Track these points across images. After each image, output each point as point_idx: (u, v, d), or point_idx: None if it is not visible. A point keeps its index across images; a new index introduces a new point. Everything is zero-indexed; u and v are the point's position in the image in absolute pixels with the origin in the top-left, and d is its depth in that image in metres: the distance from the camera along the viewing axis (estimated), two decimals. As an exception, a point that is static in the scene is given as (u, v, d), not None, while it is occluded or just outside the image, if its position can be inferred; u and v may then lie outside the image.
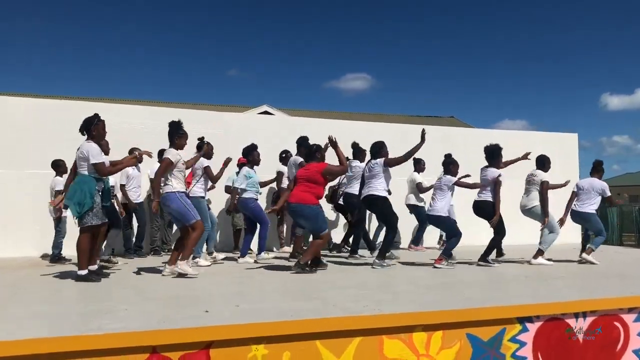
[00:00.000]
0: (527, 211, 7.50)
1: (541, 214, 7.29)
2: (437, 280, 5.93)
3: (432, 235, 9.73)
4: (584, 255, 7.52)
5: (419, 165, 9.19)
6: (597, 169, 7.81)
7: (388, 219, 6.95)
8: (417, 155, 8.57)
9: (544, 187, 7.34)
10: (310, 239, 7.06)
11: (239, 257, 7.45)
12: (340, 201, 8.77)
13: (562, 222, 7.55)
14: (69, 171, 6.24)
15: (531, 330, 4.15)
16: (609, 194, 7.60)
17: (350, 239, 8.58)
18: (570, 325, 4.28)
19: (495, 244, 7.27)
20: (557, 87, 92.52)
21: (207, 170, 7.09)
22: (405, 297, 4.80)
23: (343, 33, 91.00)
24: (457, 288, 5.41)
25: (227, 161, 7.30)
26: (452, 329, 3.90)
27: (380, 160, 6.94)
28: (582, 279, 6.11)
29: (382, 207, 6.91)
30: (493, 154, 7.30)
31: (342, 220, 9.70)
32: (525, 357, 4.10)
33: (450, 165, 7.21)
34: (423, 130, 6.92)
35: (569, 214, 7.76)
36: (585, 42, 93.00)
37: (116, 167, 5.99)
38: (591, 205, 7.55)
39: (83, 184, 5.52)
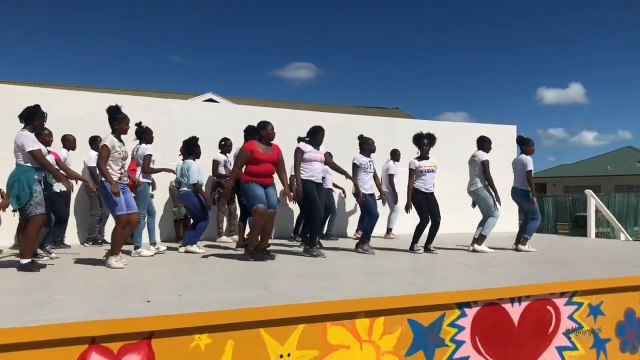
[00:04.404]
0: (471, 193, 7.69)
1: (488, 194, 7.48)
2: (381, 268, 6.04)
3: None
4: (520, 246, 7.76)
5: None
6: (525, 143, 7.89)
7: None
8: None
9: (485, 166, 7.49)
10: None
11: (180, 246, 7.39)
12: None
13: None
14: None
15: (469, 315, 4.28)
16: (529, 168, 7.63)
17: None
18: (507, 310, 4.46)
19: (420, 230, 7.47)
20: (496, 81, 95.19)
21: (145, 159, 6.90)
22: (349, 285, 4.86)
23: (286, 20, 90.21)
24: (398, 275, 5.53)
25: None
26: (394, 314, 3.98)
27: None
28: (518, 266, 6.35)
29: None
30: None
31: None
32: (463, 341, 4.24)
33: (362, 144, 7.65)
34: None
35: (511, 192, 7.93)
36: (523, 36, 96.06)
37: (51, 166, 5.64)
38: (524, 182, 7.70)
39: (20, 174, 5.32)
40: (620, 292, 4.93)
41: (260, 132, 6.60)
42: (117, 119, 5.84)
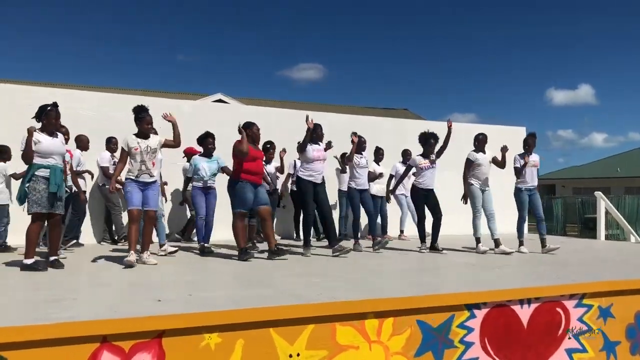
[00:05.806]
0: None
1: (470, 193, 7.57)
2: (388, 268, 6.05)
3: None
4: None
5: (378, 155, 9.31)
6: (524, 144, 7.96)
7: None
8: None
9: (465, 164, 7.62)
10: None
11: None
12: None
13: None
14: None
15: (478, 316, 4.27)
16: (513, 165, 7.82)
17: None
18: (516, 311, 4.44)
19: (420, 228, 7.60)
20: (504, 82, 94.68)
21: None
22: (357, 284, 4.86)
23: (295, 21, 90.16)
24: (406, 275, 5.53)
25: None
26: (403, 315, 3.98)
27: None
28: (526, 267, 6.33)
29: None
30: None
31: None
32: (472, 343, 4.23)
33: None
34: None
35: None
36: (531, 37, 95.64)
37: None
38: (516, 182, 7.84)
39: (26, 172, 5.40)
40: (630, 294, 4.90)
41: (246, 131, 6.65)
42: (137, 118, 6.04)
